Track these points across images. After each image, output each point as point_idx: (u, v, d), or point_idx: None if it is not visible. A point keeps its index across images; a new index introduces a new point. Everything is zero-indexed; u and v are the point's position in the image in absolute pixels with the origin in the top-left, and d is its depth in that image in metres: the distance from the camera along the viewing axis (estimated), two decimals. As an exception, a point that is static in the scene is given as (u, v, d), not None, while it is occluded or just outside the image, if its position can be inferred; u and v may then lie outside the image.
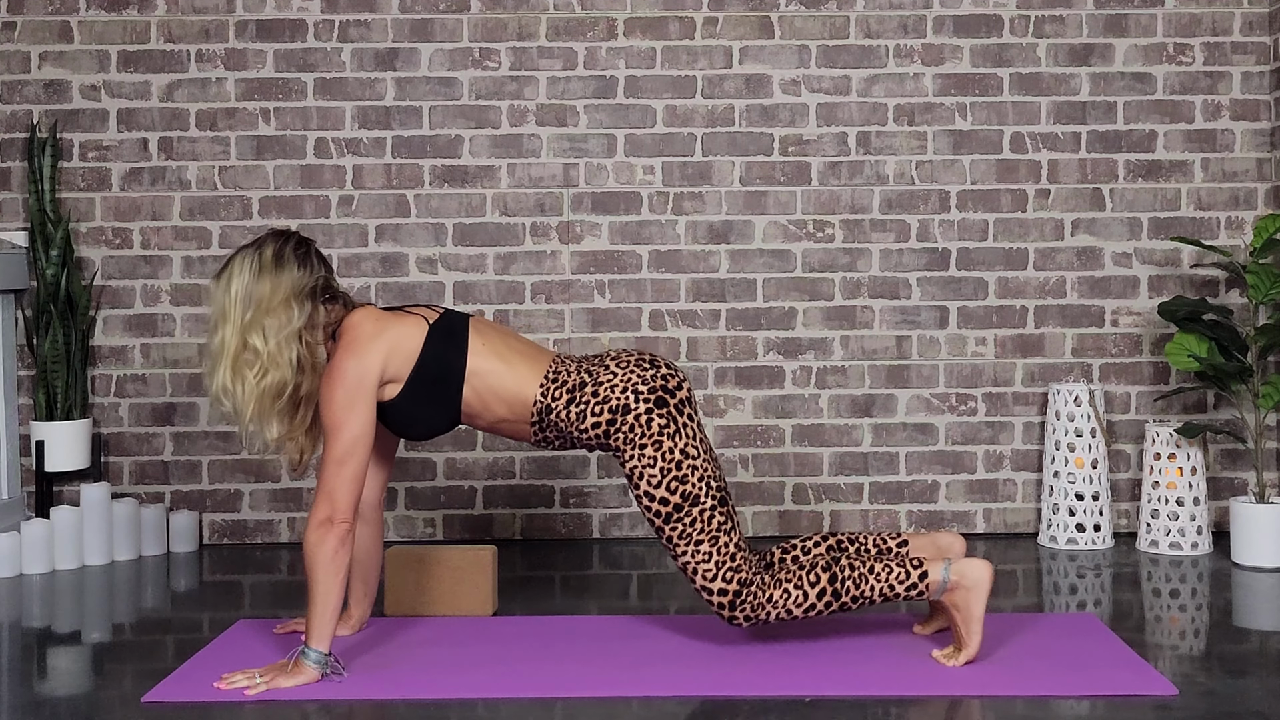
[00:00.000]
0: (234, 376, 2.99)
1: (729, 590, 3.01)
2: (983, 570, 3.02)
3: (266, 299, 2.99)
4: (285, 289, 3.01)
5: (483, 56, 4.50)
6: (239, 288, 3.00)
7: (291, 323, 3.00)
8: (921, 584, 3.02)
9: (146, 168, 4.49)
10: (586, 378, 3.09)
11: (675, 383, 3.09)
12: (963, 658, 3.00)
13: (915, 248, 4.51)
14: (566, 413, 3.07)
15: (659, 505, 3.02)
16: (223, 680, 2.91)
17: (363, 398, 2.98)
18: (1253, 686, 2.91)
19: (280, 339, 2.99)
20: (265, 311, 2.99)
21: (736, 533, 3.05)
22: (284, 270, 3.02)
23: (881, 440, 4.53)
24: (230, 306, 3.00)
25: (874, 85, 4.50)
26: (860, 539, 3.26)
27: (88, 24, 4.48)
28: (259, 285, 3.00)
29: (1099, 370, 4.53)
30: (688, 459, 3.03)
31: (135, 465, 4.51)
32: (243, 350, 2.99)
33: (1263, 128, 4.51)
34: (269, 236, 3.08)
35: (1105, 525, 4.35)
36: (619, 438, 3.05)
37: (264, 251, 3.03)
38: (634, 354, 3.15)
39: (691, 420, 3.08)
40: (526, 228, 4.50)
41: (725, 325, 4.51)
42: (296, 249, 3.06)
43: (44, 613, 3.72)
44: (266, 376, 2.99)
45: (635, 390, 3.05)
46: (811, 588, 3.02)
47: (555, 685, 2.91)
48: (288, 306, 3.00)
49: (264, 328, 2.98)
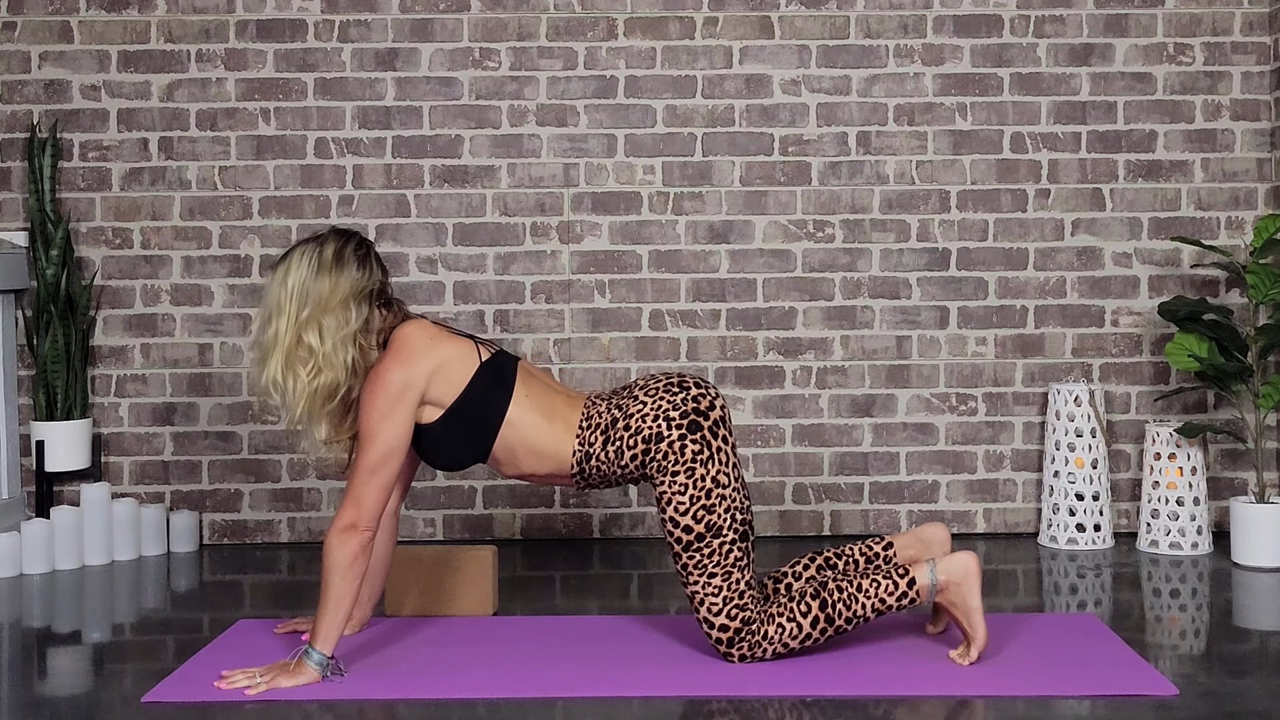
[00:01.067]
0: (286, 371, 2.97)
1: (730, 627, 3.00)
2: (968, 561, 3.01)
3: (326, 297, 2.97)
4: (345, 289, 2.99)
5: (483, 56, 4.50)
6: (296, 282, 2.98)
7: (349, 324, 2.98)
8: (911, 591, 3.02)
9: (146, 168, 4.49)
10: (617, 413, 3.05)
11: (708, 402, 3.05)
12: (974, 651, 3.00)
13: (915, 248, 4.51)
14: (604, 453, 3.04)
15: (682, 532, 3.00)
16: (223, 679, 2.91)
17: (403, 409, 2.96)
18: (1253, 686, 2.91)
19: (337, 339, 2.97)
20: (324, 310, 2.97)
21: (749, 570, 3.02)
22: (344, 270, 2.99)
23: (882, 440, 4.53)
24: (286, 300, 2.98)
25: (874, 85, 4.50)
26: (846, 551, 3.25)
27: (88, 24, 4.48)
28: (318, 282, 2.98)
29: (1099, 370, 4.53)
30: (718, 488, 2.99)
31: (135, 465, 4.51)
32: (297, 346, 2.97)
33: (1263, 128, 4.51)
34: (331, 234, 3.06)
35: (1105, 525, 4.35)
36: (653, 465, 3.02)
37: (325, 249, 3.01)
38: (664, 378, 3.11)
39: (725, 443, 3.03)
40: (526, 228, 4.50)
41: (725, 325, 4.51)
42: (358, 249, 3.04)
43: (44, 613, 3.72)
44: (320, 376, 2.97)
45: (667, 417, 3.02)
46: (804, 618, 3.00)
47: (555, 685, 2.91)
48: (346, 307, 2.98)
49: (321, 326, 2.96)
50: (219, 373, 4.50)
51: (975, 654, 3.00)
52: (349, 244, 3.04)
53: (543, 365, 4.49)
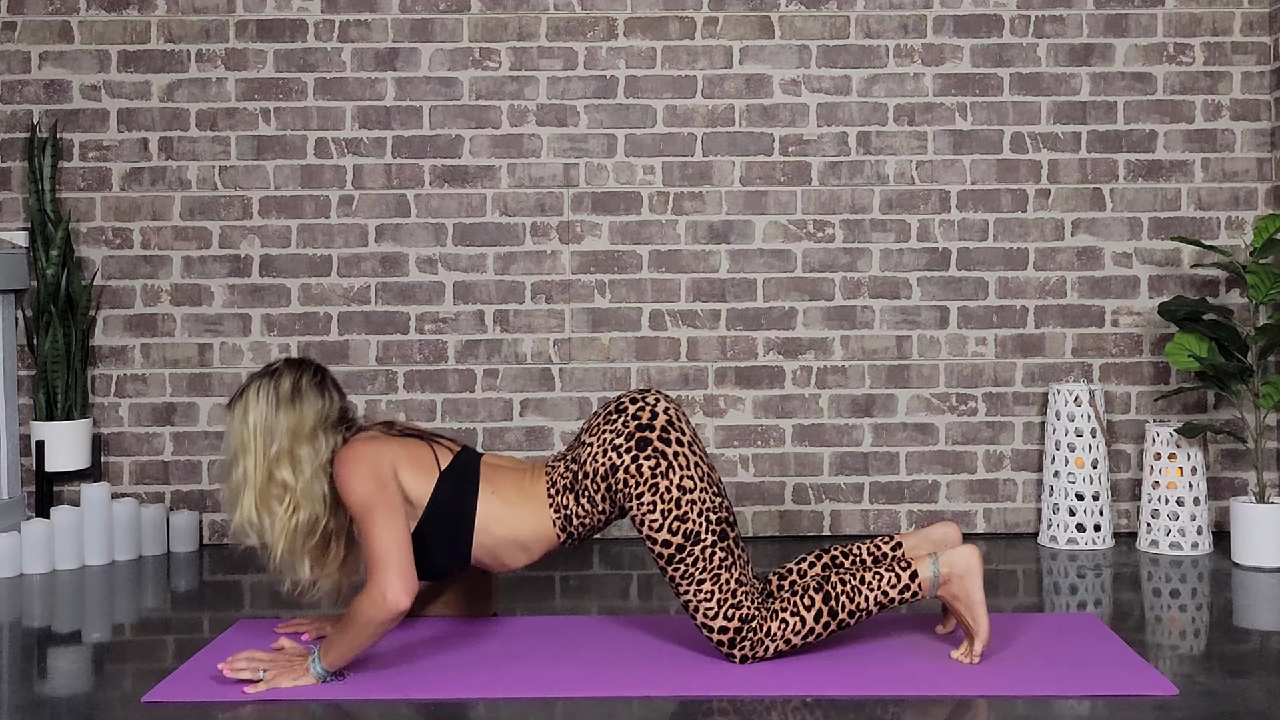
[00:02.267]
0: (261, 509, 2.95)
1: (729, 628, 3.00)
2: (970, 555, 3.02)
3: (294, 430, 2.96)
4: (311, 420, 2.98)
5: (483, 56, 4.50)
6: (257, 419, 2.97)
7: (320, 454, 2.98)
8: (914, 584, 3.02)
9: (146, 168, 4.49)
10: (575, 466, 3.06)
11: (649, 413, 3.04)
12: (977, 646, 3.00)
13: (915, 248, 4.51)
14: (580, 509, 3.05)
15: (661, 547, 3.00)
16: (228, 664, 2.90)
17: (385, 472, 2.95)
18: (1253, 686, 2.91)
19: (311, 472, 2.96)
20: (296, 443, 2.96)
21: (738, 566, 3.01)
22: (305, 401, 2.99)
23: (882, 440, 4.53)
24: (251, 438, 2.96)
25: (874, 85, 4.50)
26: (854, 550, 3.25)
27: (88, 24, 4.48)
28: (283, 417, 2.97)
29: (1099, 370, 4.53)
30: (685, 494, 2.99)
31: (135, 465, 4.51)
32: (269, 483, 2.95)
33: (1263, 128, 4.51)
34: (284, 366, 3.05)
35: (1105, 525, 4.35)
36: (621, 496, 3.02)
37: (281, 382, 3.00)
38: (603, 410, 3.11)
39: (681, 444, 3.02)
40: (526, 228, 4.50)
41: (725, 325, 4.51)
42: (314, 378, 3.03)
43: (44, 613, 3.72)
44: (298, 512, 2.95)
45: (614, 446, 3.01)
46: (807, 611, 3.00)
47: (555, 685, 2.91)
48: (315, 438, 2.98)
49: (295, 460, 2.96)
50: (219, 373, 4.50)
51: (979, 648, 3.00)
52: (304, 374, 3.03)
53: (542, 365, 4.49)
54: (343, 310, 4.50)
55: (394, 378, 4.50)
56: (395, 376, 4.50)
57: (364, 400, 4.49)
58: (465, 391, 4.50)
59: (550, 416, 4.50)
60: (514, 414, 4.50)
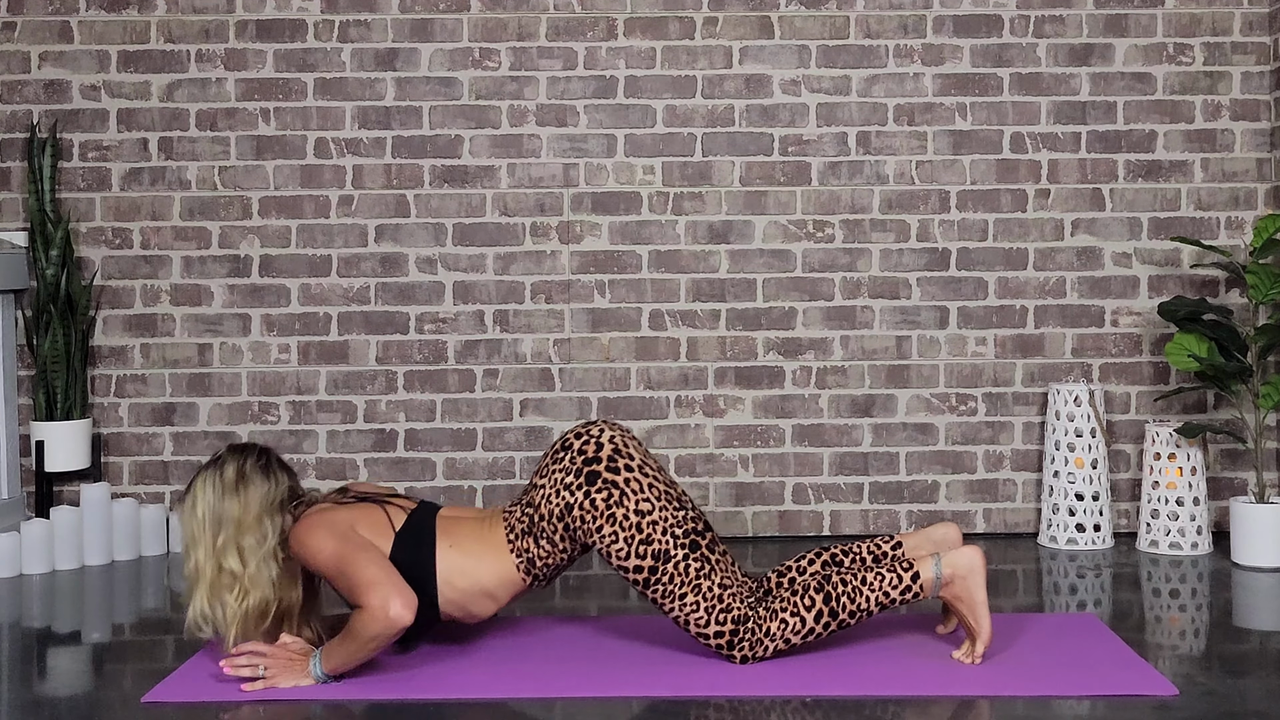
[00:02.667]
0: (213, 600, 2.95)
1: (724, 632, 3.00)
2: (972, 556, 3.01)
3: (239, 518, 2.96)
4: (256, 506, 2.97)
5: (483, 56, 4.50)
6: (205, 510, 2.97)
7: (268, 539, 2.97)
8: (915, 585, 3.01)
9: (146, 168, 4.49)
10: (530, 510, 3.05)
11: (594, 445, 3.04)
12: (979, 647, 3.00)
13: (915, 248, 4.51)
14: (541, 550, 3.04)
15: (634, 573, 3.00)
16: (228, 661, 2.90)
17: (345, 529, 2.95)
18: (1253, 686, 2.91)
19: (259, 558, 2.95)
20: (240, 531, 2.95)
21: (718, 571, 3.01)
22: (249, 486, 2.98)
23: (881, 440, 4.53)
24: (200, 530, 2.96)
25: (874, 85, 4.50)
26: (854, 548, 3.24)
27: (88, 24, 4.48)
28: (227, 505, 2.96)
29: (1099, 370, 4.53)
30: (644, 517, 2.98)
31: (135, 465, 4.51)
32: (219, 574, 2.95)
33: (1263, 128, 4.51)
34: (228, 454, 3.04)
35: (1105, 525, 4.35)
36: (580, 533, 3.02)
37: (225, 470, 3.00)
38: (550, 451, 3.10)
39: (630, 470, 3.02)
40: (526, 228, 4.50)
41: (725, 325, 4.51)
42: (258, 461, 3.03)
43: (44, 613, 3.72)
44: (248, 598, 2.94)
45: (565, 484, 3.01)
46: (807, 612, 3.00)
47: (555, 685, 2.91)
48: (260, 523, 2.97)
49: (240, 548, 2.95)
50: (219, 373, 4.50)
51: (980, 649, 3.00)
52: (247, 459, 3.03)
53: (542, 365, 4.49)
54: (343, 310, 4.50)
55: (394, 378, 4.50)
56: (395, 376, 4.50)
57: (364, 400, 4.49)
58: (465, 391, 4.50)
59: (550, 416, 4.50)
60: (514, 414, 4.50)
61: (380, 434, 4.50)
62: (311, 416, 4.50)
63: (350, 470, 4.49)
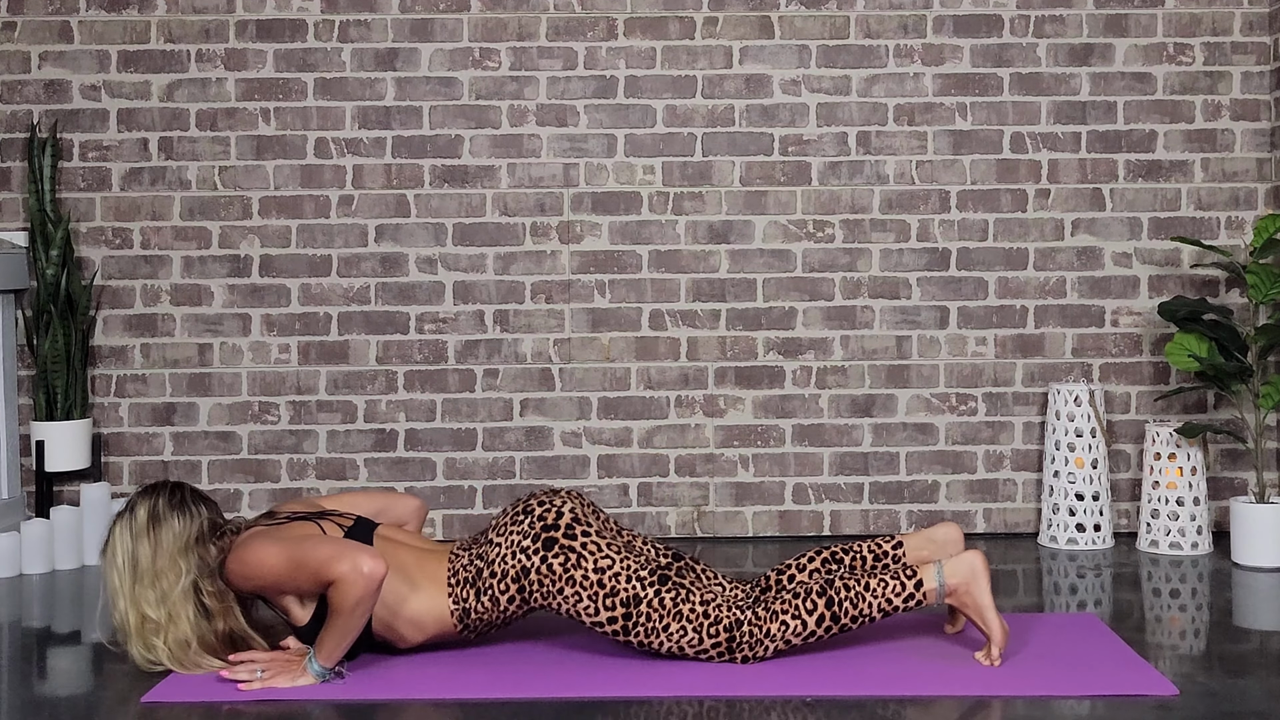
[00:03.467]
0: (146, 647, 2.95)
1: (720, 642, 2.99)
2: (974, 560, 3.00)
3: (151, 562, 2.94)
4: (169, 546, 2.95)
5: (483, 56, 4.50)
6: (123, 557, 2.95)
7: (182, 578, 2.94)
8: (919, 593, 3.00)
9: (146, 168, 4.49)
10: (480, 563, 3.03)
11: (554, 514, 3.03)
12: (994, 651, 2.99)
13: (915, 248, 4.51)
14: (480, 605, 3.03)
15: (609, 625, 2.99)
16: (227, 670, 2.90)
17: (283, 533, 2.95)
18: (1253, 686, 2.91)
19: (173, 599, 2.93)
20: (154, 576, 2.94)
21: (696, 590, 3.00)
22: (162, 527, 2.96)
23: (881, 440, 4.52)
24: (119, 580, 2.95)
25: (874, 85, 4.50)
26: (855, 548, 3.24)
27: (88, 24, 4.48)
28: (140, 549, 2.95)
29: (1099, 370, 4.53)
30: (604, 573, 2.98)
31: (135, 465, 4.51)
32: (143, 622, 2.95)
33: (1263, 128, 4.50)
34: (138, 497, 3.02)
35: (1105, 525, 4.35)
36: (537, 597, 3.01)
37: (137, 514, 2.98)
38: (510, 510, 3.09)
39: (589, 535, 3.01)
40: (526, 228, 4.50)
41: (725, 325, 4.51)
42: (171, 499, 3.00)
43: (44, 613, 3.72)
44: (172, 636, 2.93)
45: (522, 548, 3.00)
46: (809, 615, 2.99)
47: (556, 685, 2.91)
48: (174, 564, 2.95)
49: (155, 593, 2.93)
50: (219, 373, 4.50)
51: (996, 651, 2.99)
52: (159, 498, 3.00)
53: (542, 365, 4.49)
54: (343, 310, 4.50)
55: (394, 378, 4.50)
56: (395, 376, 4.50)
57: (364, 400, 4.49)
58: (465, 391, 4.50)
59: (550, 416, 4.50)
60: (514, 414, 4.50)
61: (380, 434, 4.50)
62: (311, 416, 4.50)
63: (350, 470, 4.50)
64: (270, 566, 2.90)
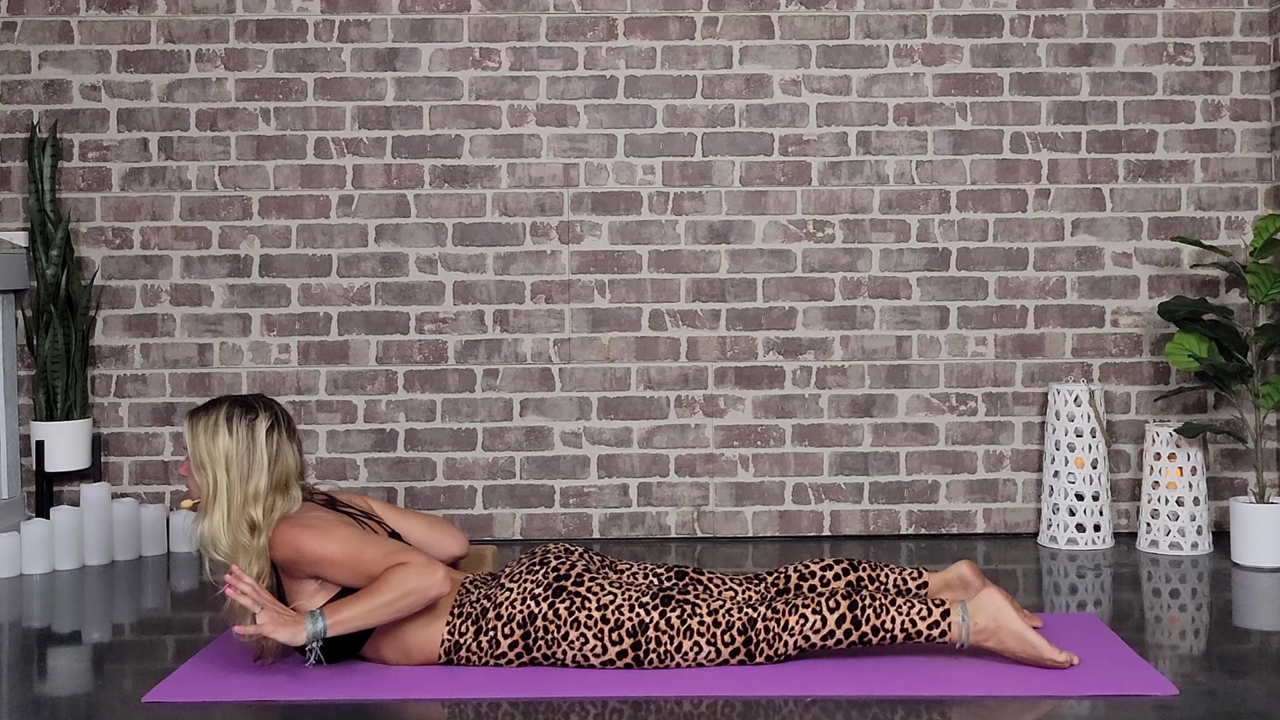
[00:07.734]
0: (233, 528, 2.96)
1: (738, 647, 2.99)
2: (996, 599, 2.99)
3: (265, 467, 2.98)
4: (280, 470, 3.00)
5: (483, 56, 4.50)
6: (244, 445, 2.98)
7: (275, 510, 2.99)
8: (944, 622, 2.97)
9: (146, 168, 4.49)
10: (487, 603, 3.03)
11: (568, 566, 3.06)
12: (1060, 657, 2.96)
13: (915, 248, 4.51)
14: (476, 644, 3.01)
15: (621, 661, 2.99)
16: (233, 579, 2.86)
17: (341, 527, 2.98)
18: (1253, 686, 2.91)
19: (263, 506, 2.97)
20: (258, 481, 2.98)
21: (703, 602, 3.01)
22: (283, 447, 3.02)
23: (881, 440, 4.53)
24: (233, 457, 2.97)
25: (874, 85, 4.50)
26: (880, 576, 3.22)
27: (88, 24, 4.48)
28: (256, 454, 2.98)
29: (1099, 370, 4.53)
30: (608, 609, 2.99)
31: (135, 465, 4.51)
32: (245, 503, 2.96)
33: (1263, 128, 4.51)
34: (258, 404, 3.03)
35: (1105, 525, 4.35)
36: (541, 645, 3.00)
37: (257, 423, 2.99)
38: (527, 559, 3.11)
39: (595, 580, 3.03)
40: (526, 228, 4.50)
41: (725, 325, 4.51)
42: (288, 430, 3.05)
43: (44, 613, 3.72)
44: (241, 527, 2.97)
45: (533, 595, 3.01)
46: (831, 613, 2.98)
47: (556, 685, 2.91)
48: (271, 488, 2.99)
49: (252, 489, 2.97)
50: (219, 373, 4.50)
51: (1063, 658, 2.96)
52: (278, 423, 3.02)
53: (542, 365, 4.49)
54: (343, 310, 4.50)
55: (394, 378, 4.50)
56: (395, 376, 4.50)
57: (364, 400, 4.49)
58: (465, 391, 4.50)
59: (550, 416, 4.51)
60: (514, 414, 4.50)
61: (380, 434, 4.51)
62: (312, 416, 4.50)
63: (350, 470, 4.50)
64: (316, 552, 2.91)
